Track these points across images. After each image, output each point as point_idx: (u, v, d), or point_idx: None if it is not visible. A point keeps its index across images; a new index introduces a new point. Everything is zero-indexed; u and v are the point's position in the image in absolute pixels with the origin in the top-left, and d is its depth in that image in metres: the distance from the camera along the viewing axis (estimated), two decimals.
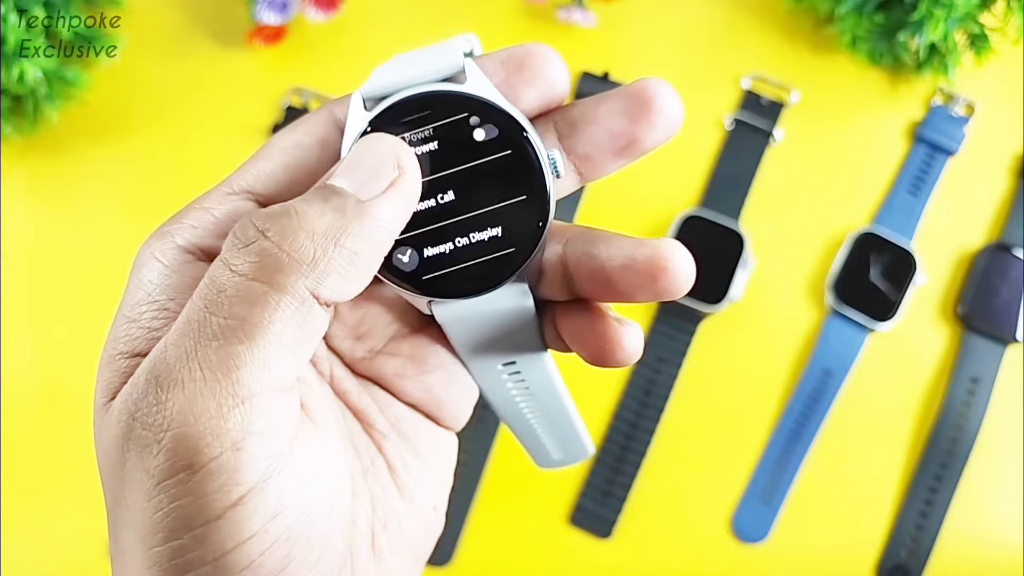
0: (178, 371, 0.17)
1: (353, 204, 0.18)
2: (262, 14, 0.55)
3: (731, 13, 0.58)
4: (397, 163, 0.19)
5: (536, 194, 0.20)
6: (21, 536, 0.51)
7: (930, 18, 0.50)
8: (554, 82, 0.20)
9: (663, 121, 0.20)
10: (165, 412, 0.17)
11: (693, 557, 0.51)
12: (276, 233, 0.17)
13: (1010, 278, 0.53)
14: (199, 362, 0.17)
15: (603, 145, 0.20)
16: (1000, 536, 0.50)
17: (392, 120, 0.20)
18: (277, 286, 0.17)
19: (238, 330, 0.17)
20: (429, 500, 0.23)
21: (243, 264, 0.17)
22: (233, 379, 0.17)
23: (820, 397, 0.52)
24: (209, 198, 0.20)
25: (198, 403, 0.17)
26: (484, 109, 0.20)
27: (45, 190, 0.56)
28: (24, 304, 0.54)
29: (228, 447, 0.17)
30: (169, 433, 0.17)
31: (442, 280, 0.20)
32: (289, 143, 0.21)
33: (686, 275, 0.19)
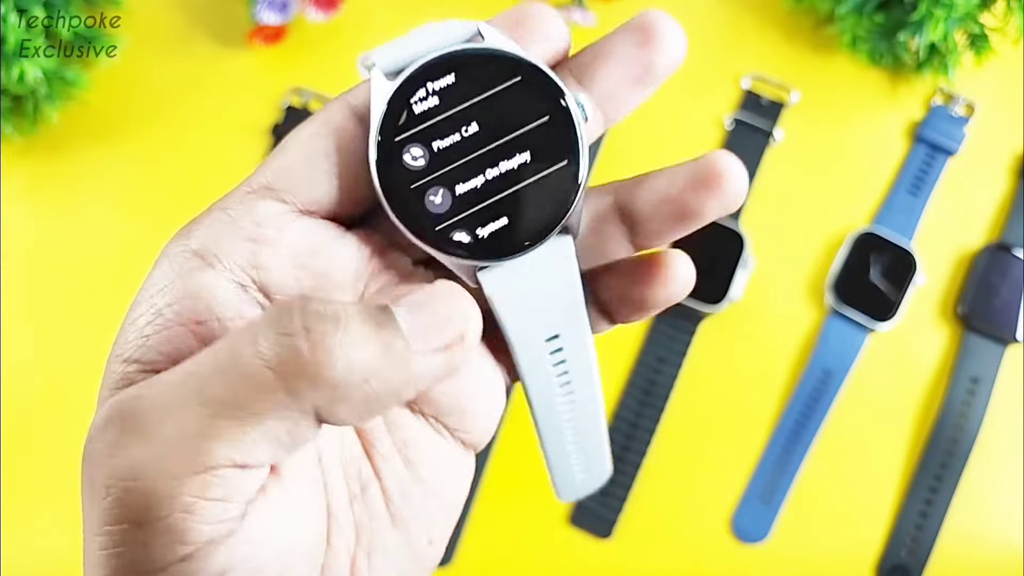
0: (151, 424, 0.16)
1: (401, 350, 0.17)
2: (262, 14, 0.55)
3: (731, 13, 0.58)
4: (463, 332, 0.18)
5: (569, 139, 0.20)
6: (21, 536, 0.51)
7: (930, 18, 0.50)
8: (553, 36, 0.21)
9: (670, 43, 0.20)
10: (122, 459, 0.16)
11: (693, 557, 0.51)
12: (316, 337, 0.16)
13: (1010, 278, 0.53)
14: (179, 423, 0.16)
15: (620, 77, 0.21)
16: (1000, 536, 0.50)
17: (418, 84, 0.20)
18: (290, 391, 0.16)
19: (233, 408, 0.16)
20: (424, 532, 0.22)
21: (270, 351, 0.16)
22: (204, 449, 0.16)
23: (820, 397, 0.52)
24: (229, 198, 0.20)
25: (160, 463, 0.16)
26: (507, 61, 0.20)
27: (45, 190, 0.56)
28: (24, 304, 0.54)
29: (178, 509, 0.16)
30: (122, 484, 0.16)
31: (489, 243, 0.20)
32: (306, 135, 0.20)
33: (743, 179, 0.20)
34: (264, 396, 0.16)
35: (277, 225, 0.19)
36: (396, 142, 0.19)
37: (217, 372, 0.16)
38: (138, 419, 0.17)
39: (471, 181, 0.20)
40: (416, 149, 0.20)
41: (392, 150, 0.19)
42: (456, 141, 0.20)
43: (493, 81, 0.20)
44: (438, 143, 0.20)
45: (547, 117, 0.20)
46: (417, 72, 0.20)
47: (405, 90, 0.20)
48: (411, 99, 0.20)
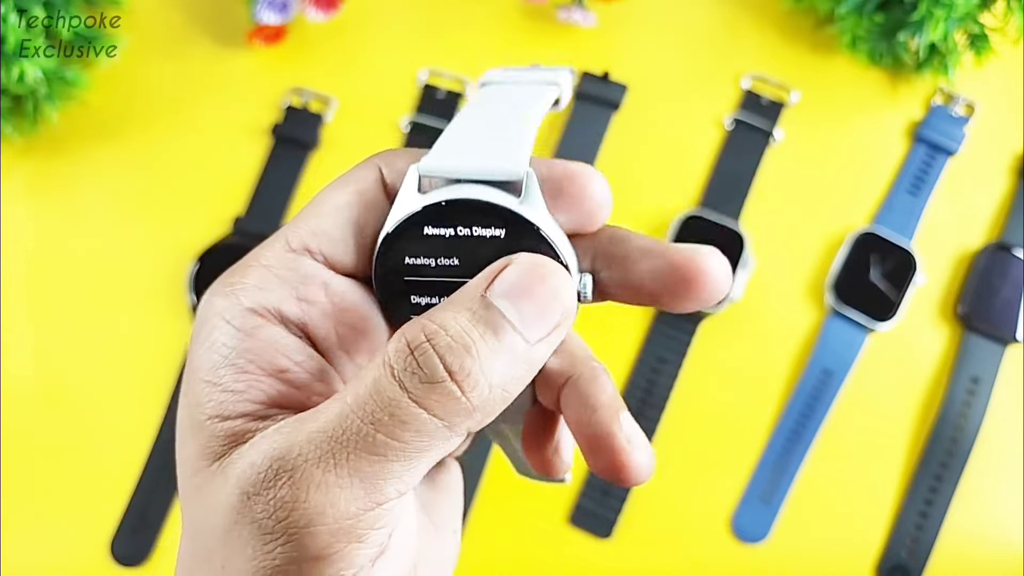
0: (321, 474, 0.17)
1: (523, 348, 0.18)
2: (262, 14, 0.55)
3: (731, 13, 0.58)
4: (564, 307, 0.19)
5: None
6: (21, 536, 0.51)
7: (930, 18, 0.50)
8: (591, 209, 0.21)
9: (698, 299, 0.21)
10: (300, 509, 0.17)
11: (693, 557, 0.51)
12: (462, 376, 0.17)
13: (1010, 278, 0.53)
14: (349, 470, 0.17)
15: (628, 288, 0.21)
16: (1000, 536, 0.50)
17: (440, 214, 0.20)
18: (452, 426, 0.18)
19: (400, 452, 0.18)
20: (450, 525, 0.23)
21: (426, 398, 0.17)
22: (379, 488, 0.18)
23: (820, 397, 0.52)
24: (268, 255, 0.21)
25: (339, 506, 0.17)
26: (531, 234, 0.20)
27: (45, 190, 0.56)
28: (24, 304, 0.54)
29: (353, 541, 0.18)
30: (304, 530, 0.17)
31: None
32: (341, 202, 0.21)
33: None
34: (429, 436, 0.18)
35: (320, 284, 0.21)
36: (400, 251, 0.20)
37: (373, 422, 0.17)
38: (309, 472, 0.18)
39: None
40: (417, 259, 0.20)
41: (394, 256, 0.21)
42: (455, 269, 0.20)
43: (508, 241, 0.20)
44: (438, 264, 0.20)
45: None
46: (441, 205, 0.20)
47: (425, 213, 0.20)
48: (425, 225, 0.20)
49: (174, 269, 0.54)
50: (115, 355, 0.53)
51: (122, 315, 0.54)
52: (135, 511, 0.51)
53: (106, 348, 0.53)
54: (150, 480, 0.52)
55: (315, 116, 0.57)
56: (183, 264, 0.54)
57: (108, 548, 0.51)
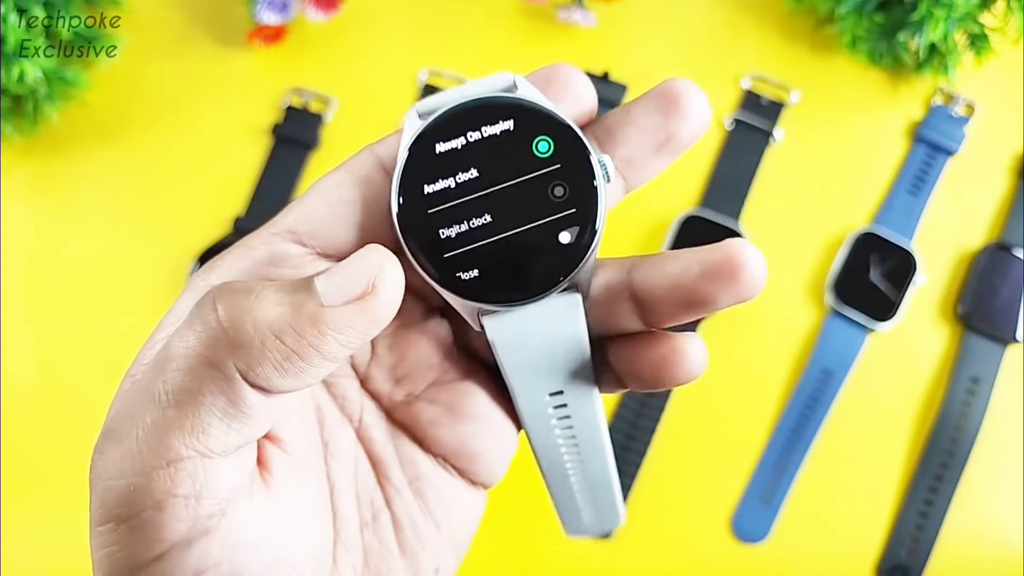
0: (123, 426, 0.18)
1: (313, 306, 0.18)
2: (262, 14, 0.55)
3: (731, 13, 0.58)
4: (374, 279, 0.18)
5: (588, 198, 0.20)
6: (21, 536, 0.51)
7: (930, 18, 0.50)
8: (581, 97, 0.21)
9: (694, 114, 0.20)
10: (104, 463, 0.18)
11: (693, 557, 0.51)
12: (225, 310, 0.17)
13: (1010, 278, 0.53)
14: (139, 421, 0.18)
15: (642, 144, 0.21)
16: (1000, 536, 0.50)
17: (447, 126, 0.20)
18: (210, 361, 0.17)
19: (172, 396, 0.17)
20: (431, 563, 0.23)
21: (191, 335, 0.18)
22: (162, 442, 0.17)
23: (820, 397, 0.52)
24: (254, 237, 0.21)
25: (128, 461, 0.17)
26: (536, 115, 0.20)
27: (45, 190, 0.56)
28: (24, 304, 0.54)
29: (150, 506, 0.17)
30: (102, 484, 0.18)
31: (494, 285, 0.20)
32: (331, 182, 0.21)
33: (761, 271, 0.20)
34: (191, 374, 0.17)
35: (293, 266, 0.20)
36: (418, 176, 0.20)
37: (159, 369, 0.18)
38: (114, 423, 0.18)
39: (486, 223, 0.20)
40: (436, 184, 0.20)
41: (413, 183, 0.20)
42: (477, 183, 0.20)
43: (520, 131, 0.20)
44: (458, 182, 0.20)
45: (570, 173, 0.20)
46: (447, 113, 0.20)
47: (433, 129, 0.20)
48: (437, 138, 0.20)
49: (174, 269, 0.54)
50: (115, 355, 0.53)
51: (122, 315, 0.54)
52: None
53: (106, 348, 0.53)
54: None
55: (315, 116, 0.57)
56: (183, 264, 0.54)
57: None
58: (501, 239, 0.20)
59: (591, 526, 0.27)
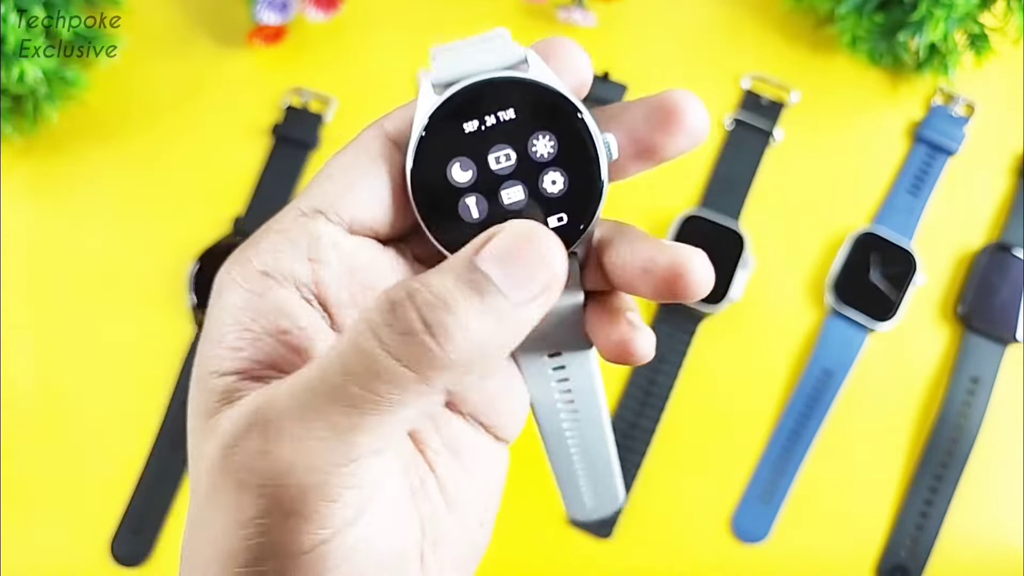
0: (294, 425, 0.18)
1: (508, 311, 0.18)
2: (262, 14, 0.55)
3: (731, 13, 0.58)
4: (553, 269, 0.19)
5: (592, 173, 0.21)
6: (21, 536, 0.51)
7: (930, 18, 0.50)
8: (578, 69, 0.21)
9: (686, 132, 0.21)
10: (271, 461, 0.18)
11: (693, 557, 0.51)
12: (438, 330, 0.18)
13: (1010, 278, 0.53)
14: (323, 422, 0.18)
15: (623, 149, 0.21)
16: (1000, 536, 0.50)
17: (461, 104, 0.21)
18: (426, 380, 0.18)
19: (374, 405, 0.18)
20: (476, 516, 0.23)
21: (400, 349, 0.18)
22: (352, 443, 0.18)
23: (820, 397, 0.52)
24: (282, 220, 0.21)
25: (310, 459, 0.18)
26: (547, 94, 0.21)
27: (45, 190, 0.56)
28: (24, 304, 0.54)
29: (325, 498, 0.18)
30: (274, 483, 0.18)
31: None
32: (347, 161, 0.21)
33: (705, 281, 0.20)
34: (403, 389, 0.18)
35: (331, 245, 0.21)
36: (433, 152, 0.21)
37: (348, 374, 0.18)
38: (282, 424, 0.18)
39: (500, 199, 0.21)
40: (450, 161, 0.21)
41: (428, 159, 0.21)
42: (489, 159, 0.21)
43: (536, 112, 0.21)
44: (471, 159, 0.21)
45: (579, 156, 0.21)
46: (462, 92, 0.21)
47: (448, 106, 0.21)
48: (451, 116, 0.21)
49: (174, 269, 0.54)
50: (115, 355, 0.53)
51: (122, 315, 0.54)
52: (135, 511, 0.51)
53: (106, 348, 0.53)
54: (150, 480, 0.52)
55: (315, 116, 0.57)
56: (183, 264, 0.53)
57: (108, 548, 0.51)
58: (512, 212, 0.21)
59: (593, 509, 0.28)
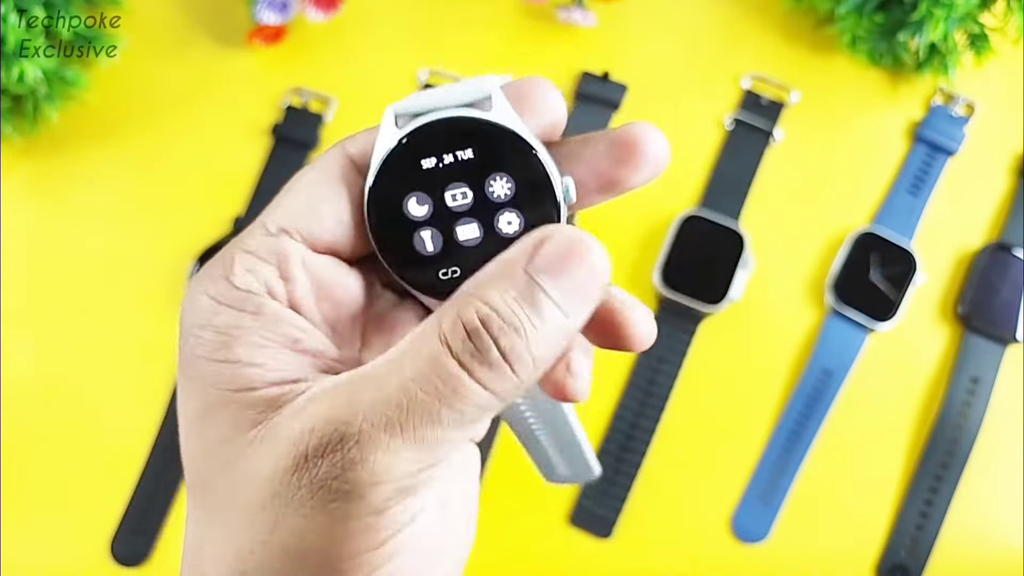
0: (388, 439, 0.19)
1: (563, 324, 0.19)
2: (262, 14, 0.55)
3: (731, 13, 0.58)
4: (602, 284, 0.20)
5: (549, 215, 0.21)
6: (21, 536, 0.51)
7: (930, 18, 0.50)
8: (551, 111, 0.22)
9: (647, 164, 0.22)
10: (368, 469, 0.19)
11: (693, 557, 0.51)
12: (513, 357, 0.19)
13: (1010, 278, 0.53)
14: (414, 436, 0.19)
15: (586, 183, 0.22)
16: (1000, 536, 0.50)
17: (420, 139, 0.21)
18: (501, 396, 0.19)
19: (458, 421, 0.19)
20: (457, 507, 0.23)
21: (483, 376, 0.19)
22: (436, 452, 0.19)
23: (820, 397, 0.52)
24: (248, 241, 0.22)
25: (403, 466, 0.19)
26: (506, 136, 0.21)
27: (45, 190, 0.56)
28: (24, 304, 0.54)
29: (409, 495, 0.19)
30: (370, 486, 0.19)
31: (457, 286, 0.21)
32: (308, 181, 0.22)
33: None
34: (483, 408, 0.19)
35: (299, 263, 0.21)
36: (390, 185, 0.21)
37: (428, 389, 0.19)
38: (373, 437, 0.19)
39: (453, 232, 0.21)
40: (407, 195, 0.21)
41: (385, 191, 0.21)
42: (445, 196, 0.21)
43: (494, 153, 0.21)
44: (427, 194, 0.21)
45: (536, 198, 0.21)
46: (421, 129, 0.21)
47: (407, 143, 0.21)
48: (410, 151, 0.21)
49: (174, 269, 0.54)
50: (115, 355, 0.53)
51: (122, 315, 0.54)
52: (135, 511, 0.51)
53: (106, 348, 0.53)
54: (150, 480, 0.52)
55: (315, 116, 0.57)
56: (183, 264, 0.54)
57: (108, 548, 0.51)
58: (467, 248, 0.21)
59: (568, 477, 0.29)
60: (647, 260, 0.53)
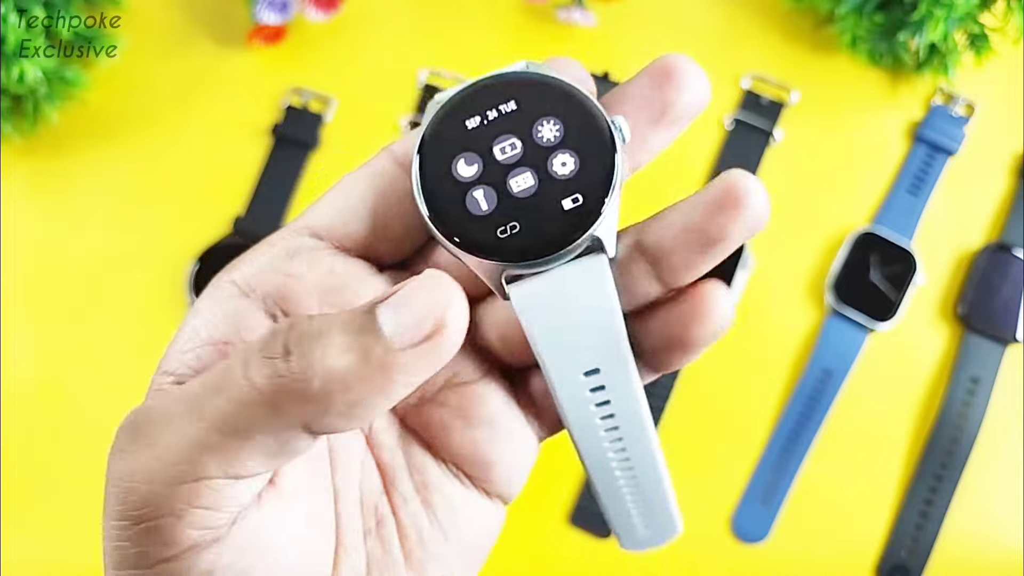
0: (155, 433, 0.18)
1: (381, 352, 0.17)
2: (262, 14, 0.55)
3: (731, 13, 0.58)
4: (442, 315, 0.17)
5: (605, 155, 0.20)
6: (21, 536, 0.51)
7: (930, 18, 0.50)
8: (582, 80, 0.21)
9: (691, 84, 0.21)
10: (127, 462, 0.18)
11: (693, 557, 0.51)
12: (297, 359, 0.17)
13: (1010, 278, 0.53)
14: (178, 434, 0.18)
15: (639, 118, 0.21)
16: (1000, 536, 0.50)
17: (461, 103, 0.21)
18: (276, 409, 0.17)
19: (225, 425, 0.17)
20: (439, 574, 0.22)
21: (258, 375, 0.17)
22: (198, 461, 0.17)
23: (820, 397, 0.52)
24: (276, 234, 0.21)
25: (157, 470, 0.18)
26: (547, 82, 0.21)
27: (45, 190, 0.56)
28: (24, 304, 0.54)
29: (168, 514, 0.18)
30: (124, 484, 0.18)
31: (517, 243, 0.20)
32: (348, 179, 0.21)
33: (764, 195, 0.20)
34: (252, 414, 0.17)
35: (309, 260, 0.20)
36: (437, 152, 0.20)
37: (215, 391, 0.18)
38: (145, 427, 0.18)
39: (508, 187, 0.20)
40: (455, 157, 0.20)
41: (432, 159, 0.20)
42: (494, 150, 0.20)
43: (537, 100, 0.20)
44: (476, 152, 0.20)
45: (588, 135, 0.20)
46: (461, 92, 0.21)
47: (448, 108, 0.21)
48: (453, 115, 0.20)
49: (174, 269, 0.54)
50: (115, 355, 0.53)
51: (122, 315, 0.54)
52: None
53: (106, 348, 0.53)
54: None
55: (315, 116, 0.57)
56: (183, 264, 0.54)
57: None
58: (523, 200, 0.20)
59: (647, 539, 0.26)
60: None
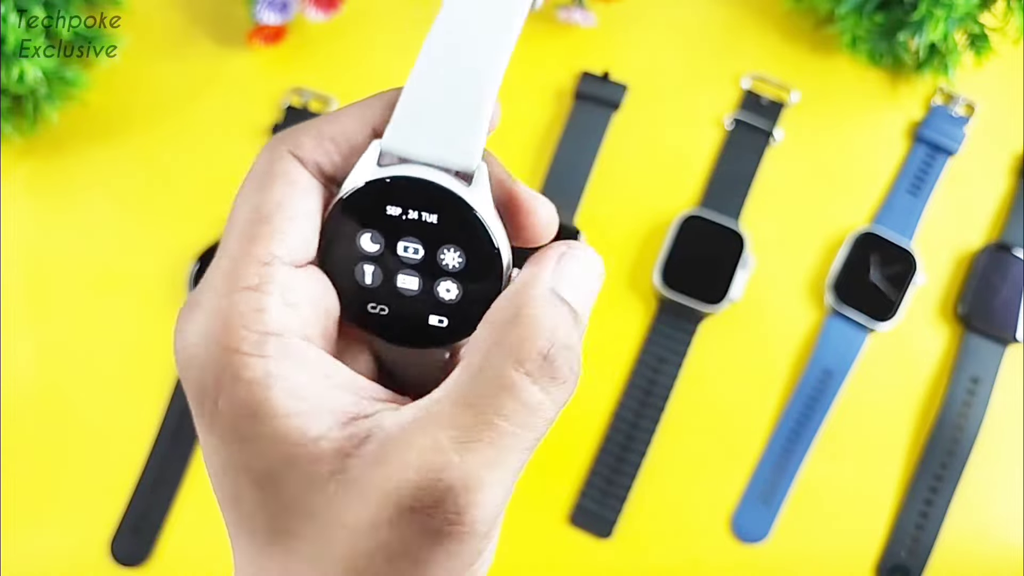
0: (482, 475, 0.20)
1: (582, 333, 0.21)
2: (262, 14, 0.55)
3: (731, 13, 0.58)
4: (601, 279, 0.22)
5: (488, 299, 0.21)
6: (21, 536, 0.51)
7: (930, 18, 0.50)
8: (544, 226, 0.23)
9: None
10: (480, 507, 0.21)
11: (693, 557, 0.51)
12: (573, 371, 0.21)
13: (1010, 278, 0.53)
14: (503, 464, 0.21)
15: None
16: (1000, 536, 0.50)
17: (392, 189, 0.21)
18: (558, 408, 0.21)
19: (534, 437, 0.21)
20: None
21: (560, 395, 0.21)
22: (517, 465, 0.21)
23: (820, 397, 0.52)
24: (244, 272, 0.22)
25: (501, 492, 0.21)
26: (475, 221, 0.21)
27: (45, 190, 0.56)
28: (24, 304, 0.54)
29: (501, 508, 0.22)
30: (484, 521, 0.21)
31: (380, 320, 0.23)
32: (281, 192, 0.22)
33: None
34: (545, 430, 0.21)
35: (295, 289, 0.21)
36: (352, 212, 0.21)
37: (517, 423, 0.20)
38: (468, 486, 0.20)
39: (393, 277, 0.22)
40: (364, 229, 0.21)
41: (346, 216, 0.21)
42: (401, 244, 0.21)
43: (460, 229, 0.21)
44: (383, 236, 0.21)
45: (483, 283, 0.22)
46: (397, 180, 0.21)
47: (380, 185, 0.21)
48: (380, 193, 0.21)
49: (174, 269, 0.54)
50: (115, 355, 0.53)
51: (122, 315, 0.54)
52: (135, 511, 0.51)
53: (106, 348, 0.53)
54: (150, 480, 0.52)
55: (315, 116, 0.56)
56: (183, 264, 0.54)
57: (108, 548, 0.51)
58: (401, 295, 0.22)
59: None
60: (647, 260, 0.53)
